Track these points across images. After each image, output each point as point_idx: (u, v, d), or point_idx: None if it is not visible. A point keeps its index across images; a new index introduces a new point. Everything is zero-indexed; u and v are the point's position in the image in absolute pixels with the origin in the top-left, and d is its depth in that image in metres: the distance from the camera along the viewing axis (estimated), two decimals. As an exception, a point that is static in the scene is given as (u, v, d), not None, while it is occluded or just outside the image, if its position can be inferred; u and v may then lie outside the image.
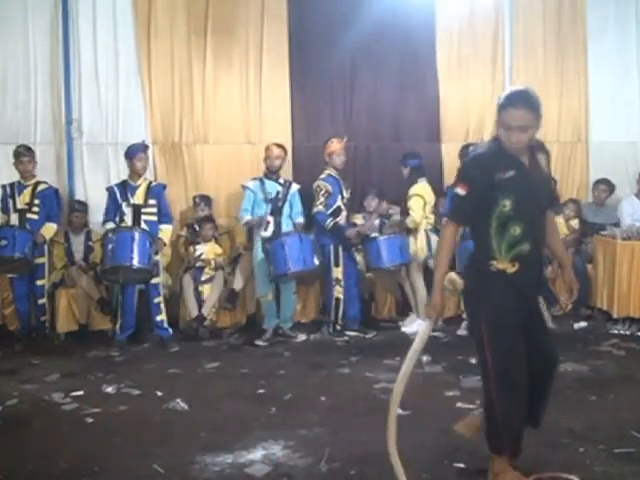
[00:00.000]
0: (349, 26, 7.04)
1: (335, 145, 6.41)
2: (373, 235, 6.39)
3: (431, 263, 6.46)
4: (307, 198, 6.40)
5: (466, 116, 7.32)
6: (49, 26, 6.89)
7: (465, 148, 6.44)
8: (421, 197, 6.39)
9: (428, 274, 6.59)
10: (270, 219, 6.16)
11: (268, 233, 6.13)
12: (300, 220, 6.32)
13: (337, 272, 6.34)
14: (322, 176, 6.35)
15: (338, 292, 6.37)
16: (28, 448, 3.71)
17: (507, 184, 2.97)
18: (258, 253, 6.16)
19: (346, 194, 6.39)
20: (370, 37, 7.11)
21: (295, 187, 6.35)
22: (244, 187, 6.32)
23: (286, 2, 7.09)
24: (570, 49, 7.32)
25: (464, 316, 6.37)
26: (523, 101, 2.96)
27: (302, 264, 5.92)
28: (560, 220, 6.86)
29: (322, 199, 6.26)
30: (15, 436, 3.92)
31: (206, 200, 6.82)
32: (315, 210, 6.28)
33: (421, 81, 7.30)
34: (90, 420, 4.16)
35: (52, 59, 6.92)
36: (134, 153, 6.06)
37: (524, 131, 2.96)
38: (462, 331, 6.31)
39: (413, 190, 6.40)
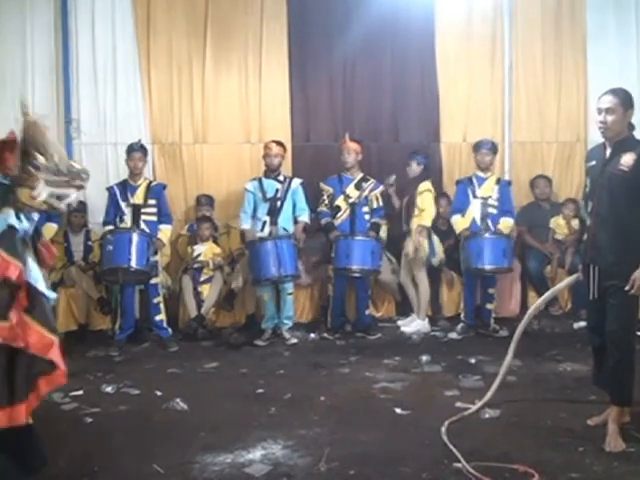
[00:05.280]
0: (349, 26, 7.06)
1: (342, 144, 6.44)
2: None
3: (434, 262, 6.47)
4: (309, 197, 6.40)
5: (465, 116, 7.31)
6: (48, 25, 6.91)
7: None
8: (431, 192, 6.43)
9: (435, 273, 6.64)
10: (267, 219, 6.16)
11: (264, 233, 6.13)
12: (304, 217, 6.25)
13: (329, 270, 6.37)
14: (328, 178, 6.47)
15: (329, 290, 6.41)
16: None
17: (589, 171, 3.80)
18: None
19: (367, 193, 6.33)
20: (370, 37, 7.12)
21: (296, 182, 6.28)
22: (245, 189, 6.32)
23: (286, 2, 7.09)
24: (569, 49, 7.32)
25: (462, 317, 6.38)
26: (610, 90, 3.60)
27: (276, 271, 5.89)
28: (561, 221, 6.88)
29: (324, 200, 6.42)
30: (14, 436, 3.91)
31: (210, 200, 6.84)
32: (319, 209, 6.44)
33: (420, 81, 7.30)
34: (90, 420, 4.16)
35: (51, 58, 6.93)
36: (129, 152, 6.11)
37: (608, 113, 3.53)
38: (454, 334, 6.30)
39: (424, 186, 6.41)
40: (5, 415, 2.73)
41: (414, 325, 6.41)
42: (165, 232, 6.15)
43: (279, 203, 6.17)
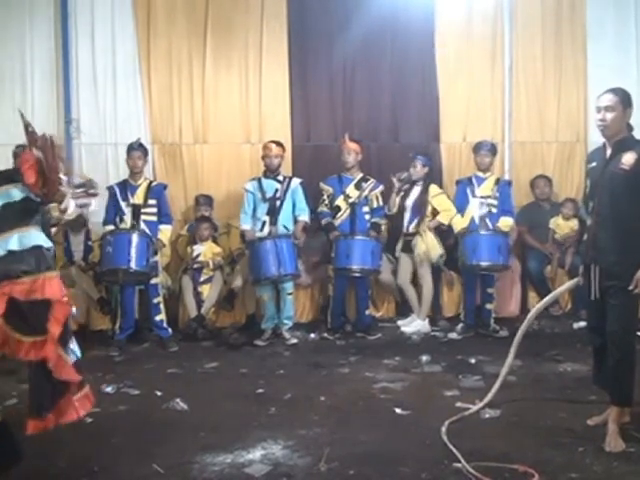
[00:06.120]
0: (349, 26, 7.07)
1: (342, 144, 6.43)
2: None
3: (440, 261, 6.47)
4: (309, 197, 6.40)
5: (465, 116, 7.31)
6: (48, 26, 6.91)
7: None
8: (444, 194, 6.53)
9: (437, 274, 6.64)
10: (266, 219, 6.16)
11: (263, 233, 6.13)
12: (303, 217, 6.25)
13: (329, 270, 6.37)
14: (327, 178, 6.47)
15: (329, 290, 6.41)
16: (28, 448, 3.70)
17: (590, 172, 3.80)
18: None
19: (367, 193, 6.34)
20: (370, 37, 7.13)
21: (296, 182, 6.29)
22: (244, 189, 6.33)
23: (286, 2, 7.09)
24: (569, 49, 7.31)
25: (462, 317, 6.38)
26: (609, 89, 3.62)
27: (275, 270, 5.89)
28: (560, 221, 6.88)
29: (324, 200, 6.44)
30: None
31: (209, 200, 6.83)
32: (319, 210, 6.44)
33: (420, 81, 7.29)
34: (90, 420, 4.14)
35: (51, 59, 6.93)
36: (129, 151, 6.13)
37: (608, 111, 3.55)
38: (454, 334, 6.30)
39: (435, 189, 6.47)
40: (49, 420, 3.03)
41: (414, 325, 6.41)
42: (165, 232, 6.15)
43: (278, 203, 6.17)
